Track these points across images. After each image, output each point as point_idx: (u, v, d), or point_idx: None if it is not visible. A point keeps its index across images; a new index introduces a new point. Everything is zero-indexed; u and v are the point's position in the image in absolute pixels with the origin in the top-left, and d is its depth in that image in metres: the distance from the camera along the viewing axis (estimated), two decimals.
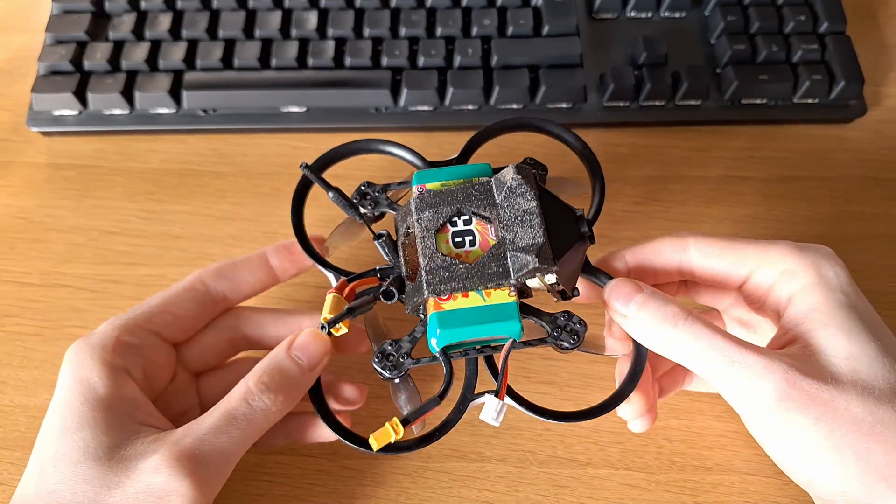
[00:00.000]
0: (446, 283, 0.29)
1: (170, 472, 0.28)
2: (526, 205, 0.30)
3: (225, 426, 0.30)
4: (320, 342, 0.32)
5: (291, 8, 0.49)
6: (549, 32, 0.48)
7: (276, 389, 0.31)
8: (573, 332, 0.31)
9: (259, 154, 0.48)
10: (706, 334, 0.28)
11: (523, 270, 0.29)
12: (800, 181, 0.46)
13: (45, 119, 0.47)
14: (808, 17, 0.48)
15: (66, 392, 0.31)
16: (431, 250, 0.30)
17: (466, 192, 0.31)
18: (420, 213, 0.31)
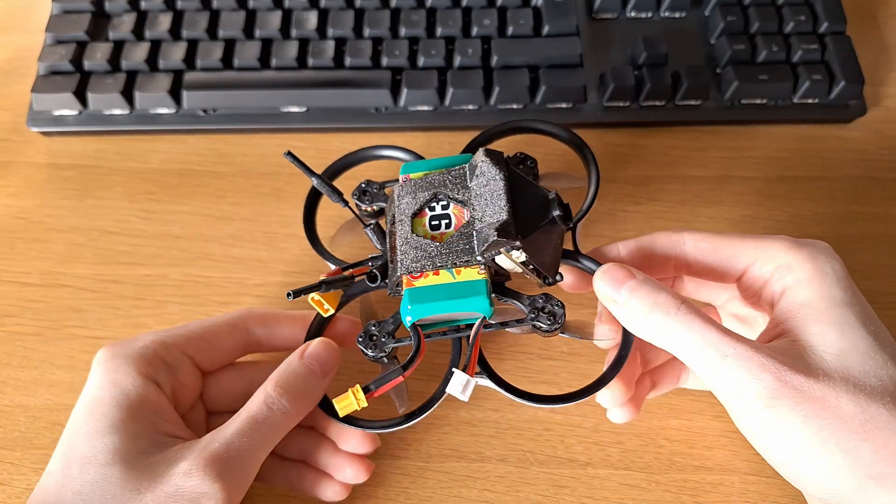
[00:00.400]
0: (417, 262, 0.31)
1: (201, 475, 0.29)
2: (494, 185, 0.31)
3: (249, 430, 0.31)
4: (331, 350, 0.33)
5: (291, 8, 0.49)
6: (549, 32, 0.48)
7: (293, 393, 0.32)
8: (551, 314, 0.31)
9: (259, 154, 0.48)
10: (699, 326, 0.28)
11: (485, 245, 0.30)
12: (800, 181, 0.46)
13: (45, 119, 0.47)
14: (808, 17, 0.48)
15: (98, 392, 0.31)
16: (407, 232, 0.32)
17: (443, 178, 0.32)
18: (400, 199, 0.33)
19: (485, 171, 0.31)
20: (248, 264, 0.44)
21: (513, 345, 0.41)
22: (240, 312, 0.36)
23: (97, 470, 0.29)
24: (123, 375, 0.31)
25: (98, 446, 0.30)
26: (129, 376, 0.31)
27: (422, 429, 0.39)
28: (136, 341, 0.33)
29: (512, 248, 0.30)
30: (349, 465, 0.35)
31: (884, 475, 0.26)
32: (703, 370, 0.28)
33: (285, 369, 0.33)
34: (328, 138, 0.48)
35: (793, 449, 0.27)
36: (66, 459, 0.30)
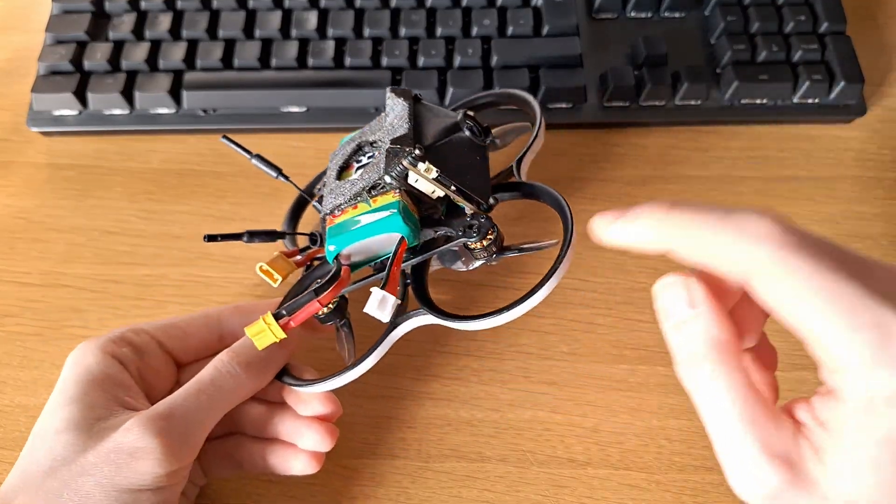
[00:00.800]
0: (336, 199, 0.31)
1: (139, 430, 0.29)
2: (400, 113, 0.31)
3: (194, 391, 0.31)
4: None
5: (291, 8, 0.49)
6: (549, 32, 0.48)
7: (245, 359, 0.32)
8: (479, 228, 0.30)
9: None
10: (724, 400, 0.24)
11: (386, 157, 0.29)
12: (800, 181, 0.46)
13: (45, 119, 0.47)
14: (808, 17, 0.48)
15: (64, 374, 0.32)
16: (332, 179, 0.32)
17: (364, 130, 0.33)
18: (332, 161, 0.33)
19: (393, 107, 0.32)
20: (248, 264, 0.44)
21: (513, 345, 0.41)
22: (217, 307, 0.36)
23: (52, 437, 0.30)
24: (88, 355, 0.32)
25: (55, 418, 0.31)
26: (93, 355, 0.32)
27: (422, 428, 0.39)
28: (111, 332, 0.34)
29: (415, 159, 0.29)
30: (308, 429, 0.34)
31: None
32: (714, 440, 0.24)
33: (242, 340, 0.33)
34: (328, 138, 0.48)
35: None
36: (32, 436, 0.31)
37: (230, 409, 0.32)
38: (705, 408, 0.24)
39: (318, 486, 0.37)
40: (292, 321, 0.29)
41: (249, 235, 0.33)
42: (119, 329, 0.34)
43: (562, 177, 0.46)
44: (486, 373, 0.40)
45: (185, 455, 0.30)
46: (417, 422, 0.39)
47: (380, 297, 0.28)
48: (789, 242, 0.23)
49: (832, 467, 0.23)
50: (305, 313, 0.29)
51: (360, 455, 0.38)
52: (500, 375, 0.40)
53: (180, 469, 0.30)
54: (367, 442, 0.38)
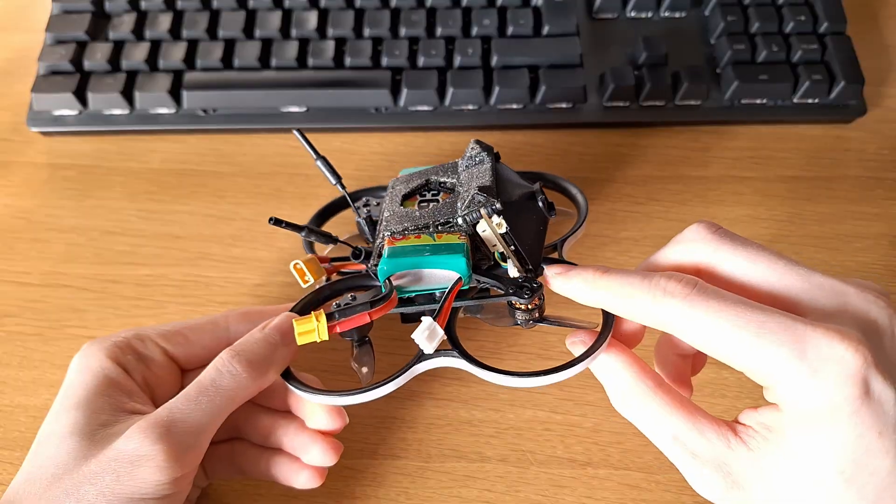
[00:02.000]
0: (400, 224, 0.31)
1: (140, 438, 0.29)
2: (480, 166, 0.32)
3: (195, 395, 0.30)
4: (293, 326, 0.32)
5: (291, 8, 0.49)
6: (549, 32, 0.48)
7: (247, 360, 0.31)
8: (529, 290, 0.30)
9: (259, 154, 0.48)
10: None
11: (465, 201, 0.30)
12: (800, 181, 0.46)
13: (45, 119, 0.47)
14: (808, 18, 0.48)
15: (69, 377, 0.32)
16: (396, 205, 0.32)
17: (435, 168, 0.34)
18: (393, 188, 0.34)
19: (474, 157, 0.33)
20: (248, 264, 0.44)
21: (513, 345, 0.41)
22: (223, 312, 0.36)
23: (56, 442, 0.30)
24: (94, 360, 0.32)
25: (62, 421, 0.30)
26: (99, 360, 0.32)
27: (422, 429, 0.39)
28: (115, 335, 0.34)
29: (493, 211, 0.29)
30: (313, 444, 0.34)
31: None
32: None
33: (244, 339, 0.32)
34: (328, 138, 0.48)
35: None
36: (36, 440, 0.31)
37: (233, 409, 0.31)
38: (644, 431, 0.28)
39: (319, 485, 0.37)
40: (338, 326, 0.29)
41: (308, 231, 0.33)
42: (124, 332, 0.34)
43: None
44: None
45: (189, 461, 0.30)
46: (418, 422, 0.39)
47: (431, 326, 0.29)
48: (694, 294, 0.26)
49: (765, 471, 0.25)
50: (353, 322, 0.29)
51: (360, 455, 0.38)
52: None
53: (184, 475, 0.30)
54: (367, 442, 0.38)
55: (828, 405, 0.23)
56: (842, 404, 0.23)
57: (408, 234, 0.31)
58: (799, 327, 0.24)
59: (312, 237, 0.34)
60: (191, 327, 0.35)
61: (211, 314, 0.36)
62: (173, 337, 0.34)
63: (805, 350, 0.23)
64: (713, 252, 0.28)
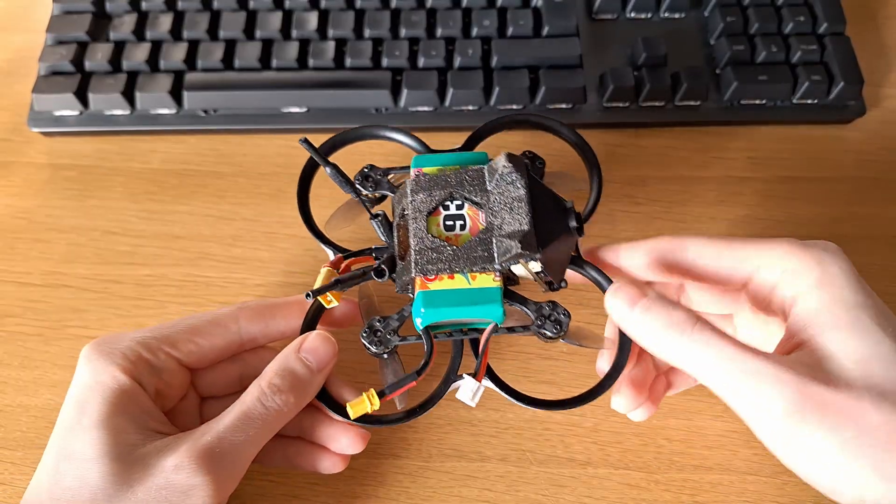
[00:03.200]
0: (433, 264, 0.30)
1: (192, 469, 0.29)
2: (515, 192, 0.31)
3: (242, 426, 0.31)
4: (328, 344, 0.33)
5: (292, 8, 0.49)
6: (548, 33, 0.48)
7: (288, 390, 0.32)
8: (557, 322, 0.31)
9: (260, 154, 0.48)
10: (715, 343, 0.27)
11: (507, 255, 0.30)
12: (799, 182, 0.46)
13: (46, 119, 0.47)
14: (808, 18, 0.48)
15: (85, 391, 0.31)
16: (422, 232, 0.31)
17: (460, 177, 0.32)
18: (414, 195, 0.32)
19: (505, 177, 0.31)
20: (248, 264, 0.44)
21: (513, 345, 0.41)
22: (231, 309, 0.35)
23: (85, 465, 0.29)
24: (109, 377, 0.31)
25: (87, 441, 0.30)
26: (115, 377, 0.31)
27: (422, 428, 0.39)
28: (121, 340, 0.33)
29: (531, 259, 0.30)
30: (344, 435, 0.35)
31: None
32: (723, 388, 0.27)
33: (281, 364, 0.32)
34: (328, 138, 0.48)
35: (820, 461, 0.26)
36: (55, 457, 0.30)
37: (272, 435, 0.32)
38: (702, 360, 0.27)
39: (321, 485, 0.37)
40: (388, 397, 0.31)
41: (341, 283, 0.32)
42: (133, 340, 0.33)
43: None
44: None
45: (231, 488, 0.31)
46: (418, 421, 0.39)
47: (474, 387, 0.31)
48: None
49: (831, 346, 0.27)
50: (402, 391, 0.31)
51: (361, 454, 0.38)
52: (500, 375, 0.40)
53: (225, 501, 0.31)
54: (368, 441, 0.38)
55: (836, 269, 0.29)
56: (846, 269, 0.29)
57: (441, 274, 0.31)
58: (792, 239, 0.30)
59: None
60: (199, 331, 0.34)
61: (215, 310, 0.35)
62: (184, 345, 0.34)
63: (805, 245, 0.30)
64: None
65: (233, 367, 0.36)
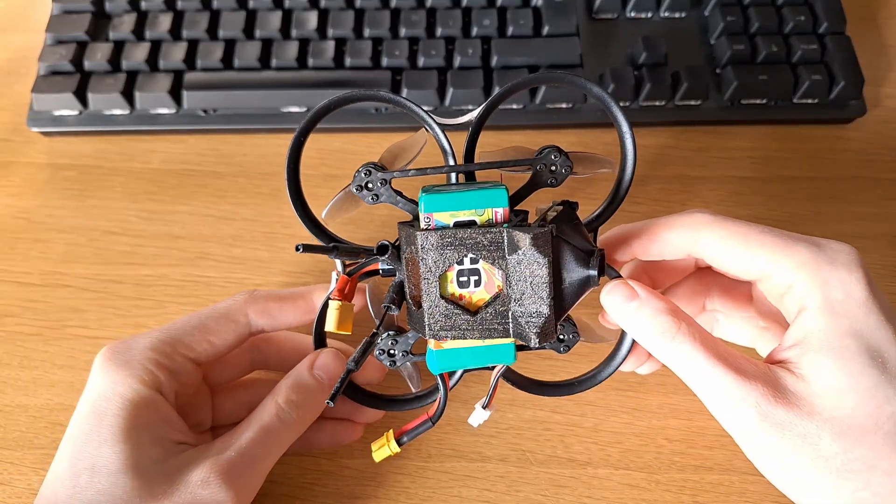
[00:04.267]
0: (446, 331, 0.29)
1: (218, 483, 0.30)
2: (538, 271, 0.28)
3: (261, 440, 0.31)
4: (339, 361, 0.34)
5: (292, 8, 0.49)
6: (548, 33, 0.48)
7: (302, 405, 0.33)
8: (566, 344, 0.33)
9: (259, 154, 0.48)
10: (692, 353, 0.28)
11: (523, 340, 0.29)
12: (800, 181, 0.46)
13: (46, 119, 0.47)
14: (808, 17, 0.48)
15: (104, 403, 0.31)
16: (435, 294, 0.29)
17: (476, 240, 0.29)
18: (426, 253, 0.29)
19: (528, 255, 0.28)
20: (248, 264, 0.44)
21: None
22: (239, 301, 0.35)
23: (108, 479, 0.29)
24: (128, 389, 0.31)
25: (108, 454, 0.30)
26: (134, 389, 0.31)
27: None
28: (137, 347, 0.33)
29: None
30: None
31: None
32: (701, 395, 0.29)
33: (296, 381, 0.33)
34: (328, 138, 0.48)
35: (785, 472, 0.27)
36: (73, 467, 0.30)
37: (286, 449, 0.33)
38: (682, 367, 0.29)
39: (320, 485, 0.37)
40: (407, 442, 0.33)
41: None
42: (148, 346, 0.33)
43: None
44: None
45: (250, 501, 0.32)
46: None
47: (484, 416, 0.32)
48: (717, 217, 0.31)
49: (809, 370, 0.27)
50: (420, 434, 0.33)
51: (361, 454, 0.38)
52: None
53: None
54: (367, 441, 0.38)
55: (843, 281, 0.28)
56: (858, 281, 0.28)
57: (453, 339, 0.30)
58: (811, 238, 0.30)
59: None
60: (211, 330, 0.34)
61: (223, 302, 0.35)
62: (198, 346, 0.34)
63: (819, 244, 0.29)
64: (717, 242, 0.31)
65: (242, 354, 0.37)
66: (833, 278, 0.28)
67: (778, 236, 0.30)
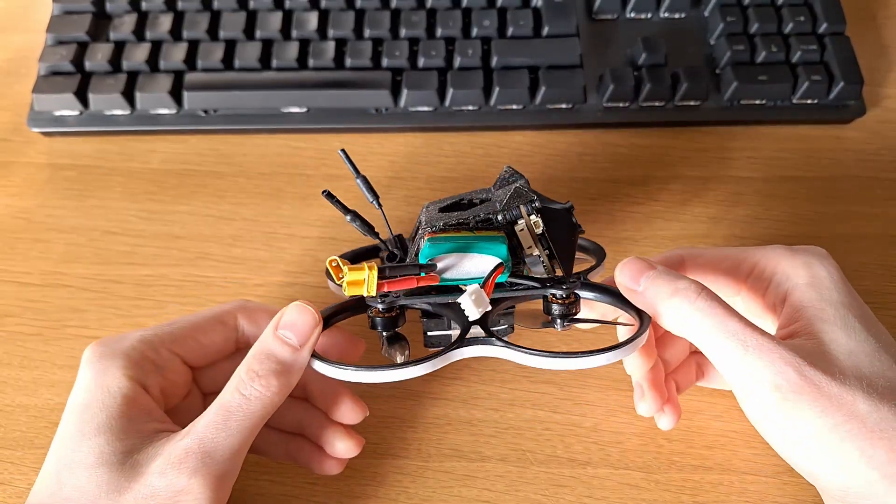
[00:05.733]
0: (439, 221, 0.31)
1: (175, 473, 0.28)
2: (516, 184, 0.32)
3: (222, 421, 0.29)
4: (307, 314, 0.31)
5: (292, 9, 0.49)
6: (548, 33, 0.48)
7: (268, 375, 0.30)
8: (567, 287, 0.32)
9: (259, 154, 0.48)
10: (720, 313, 0.28)
11: (505, 199, 0.31)
12: (799, 181, 0.46)
13: (46, 119, 0.47)
14: (808, 18, 0.48)
15: (87, 395, 0.31)
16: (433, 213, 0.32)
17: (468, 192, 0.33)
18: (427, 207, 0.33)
19: (506, 178, 0.32)
20: (248, 264, 0.44)
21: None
22: (231, 306, 0.35)
23: (83, 473, 0.29)
24: (111, 379, 0.31)
25: (85, 449, 0.29)
26: (117, 379, 0.31)
27: (422, 428, 0.39)
28: (124, 340, 0.32)
29: (532, 210, 0.31)
30: (339, 440, 0.35)
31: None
32: (723, 359, 0.28)
33: (258, 347, 0.31)
34: (328, 139, 0.48)
35: (807, 444, 0.27)
36: (56, 465, 0.30)
37: (262, 425, 0.31)
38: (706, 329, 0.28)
39: (320, 485, 0.37)
40: (387, 285, 0.29)
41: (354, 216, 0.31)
42: (136, 340, 0.32)
43: (562, 177, 0.46)
44: (486, 372, 0.40)
45: (226, 486, 0.30)
46: (418, 421, 0.39)
47: (477, 290, 0.29)
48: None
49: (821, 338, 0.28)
50: (402, 284, 0.29)
51: (361, 454, 0.38)
52: (500, 375, 0.40)
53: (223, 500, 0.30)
54: (367, 441, 0.38)
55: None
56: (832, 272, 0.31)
57: (448, 229, 0.31)
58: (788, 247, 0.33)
59: (357, 223, 0.31)
60: (200, 328, 0.34)
61: (214, 307, 0.35)
62: (185, 342, 0.34)
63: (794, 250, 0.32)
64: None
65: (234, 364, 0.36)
66: (813, 261, 0.31)
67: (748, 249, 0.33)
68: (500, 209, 0.31)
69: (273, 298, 0.42)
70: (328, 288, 0.42)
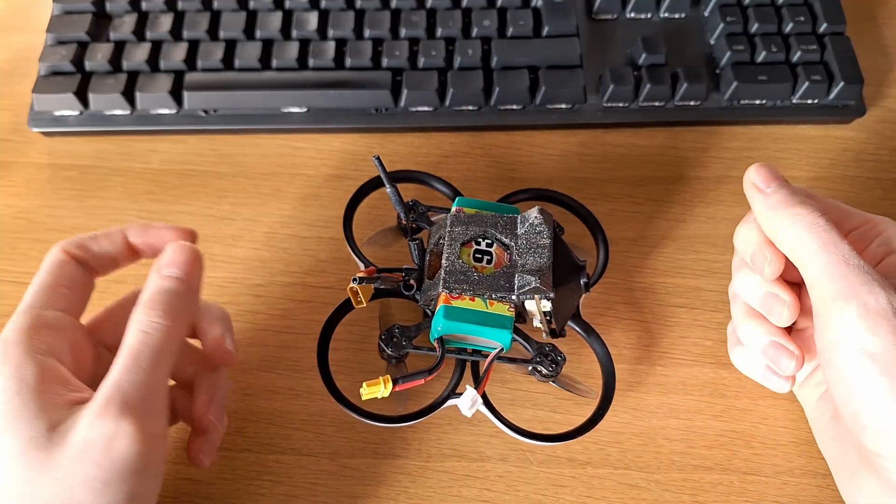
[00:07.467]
0: (460, 285, 0.35)
1: (101, 422, 0.28)
2: (541, 240, 0.36)
3: (132, 362, 0.29)
4: (185, 251, 0.32)
5: (292, 9, 0.49)
6: (548, 33, 0.48)
7: (164, 309, 0.31)
8: (553, 361, 0.36)
9: (260, 154, 0.48)
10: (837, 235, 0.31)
11: (525, 288, 0.34)
12: (800, 181, 0.46)
13: (46, 119, 0.48)
14: (808, 18, 0.48)
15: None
16: (455, 256, 0.36)
17: (494, 220, 0.37)
18: (453, 227, 0.37)
19: (536, 226, 0.36)
20: (248, 264, 0.44)
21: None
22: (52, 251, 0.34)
23: (10, 462, 0.28)
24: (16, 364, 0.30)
25: (7, 440, 0.29)
26: (23, 362, 0.30)
27: (422, 428, 0.39)
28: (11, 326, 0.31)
29: (545, 297, 0.34)
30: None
31: None
32: (826, 271, 0.30)
33: (147, 288, 0.31)
34: (328, 139, 0.48)
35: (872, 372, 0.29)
36: None
37: (174, 359, 0.31)
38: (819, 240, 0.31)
39: (320, 485, 0.37)
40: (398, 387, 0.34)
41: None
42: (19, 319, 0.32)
43: (562, 177, 0.46)
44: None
45: (157, 424, 0.30)
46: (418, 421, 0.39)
47: (474, 398, 0.34)
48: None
49: None
50: (412, 385, 0.34)
51: (361, 454, 0.38)
52: (500, 375, 0.40)
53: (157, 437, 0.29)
54: (367, 441, 0.39)
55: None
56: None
57: (464, 294, 0.35)
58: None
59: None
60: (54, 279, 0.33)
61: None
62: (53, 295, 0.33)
63: None
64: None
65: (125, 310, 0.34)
66: None
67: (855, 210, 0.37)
68: (517, 293, 0.34)
69: (274, 299, 0.42)
70: (328, 288, 0.43)
